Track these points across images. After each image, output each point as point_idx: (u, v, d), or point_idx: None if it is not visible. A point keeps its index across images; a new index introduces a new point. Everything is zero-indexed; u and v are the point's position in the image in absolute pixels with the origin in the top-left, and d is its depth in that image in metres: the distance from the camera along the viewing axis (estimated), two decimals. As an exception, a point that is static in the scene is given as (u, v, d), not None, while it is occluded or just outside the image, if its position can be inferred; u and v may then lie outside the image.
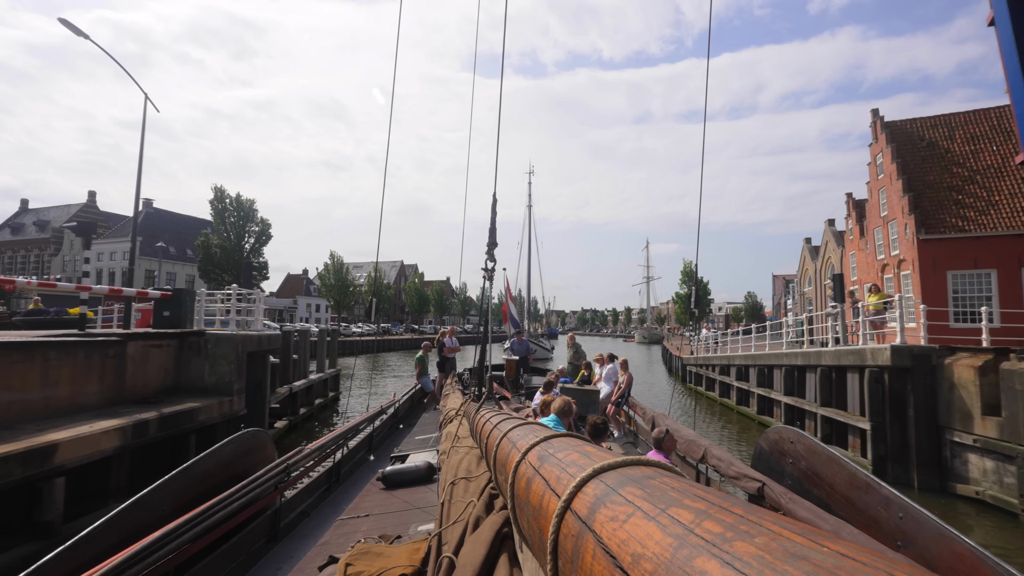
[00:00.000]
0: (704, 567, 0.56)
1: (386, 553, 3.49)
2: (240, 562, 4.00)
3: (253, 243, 45.66)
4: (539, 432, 1.68)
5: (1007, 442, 8.34)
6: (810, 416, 13.11)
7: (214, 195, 45.02)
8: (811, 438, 4.12)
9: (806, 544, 0.54)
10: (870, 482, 3.31)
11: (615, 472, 0.97)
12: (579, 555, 0.85)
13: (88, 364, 8.14)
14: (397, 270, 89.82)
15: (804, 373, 13.69)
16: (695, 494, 0.77)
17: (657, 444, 5.52)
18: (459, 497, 3.19)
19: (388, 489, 5.91)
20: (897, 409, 10.04)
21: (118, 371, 8.73)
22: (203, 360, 10.15)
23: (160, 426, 8.03)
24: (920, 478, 9.68)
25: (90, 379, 8.17)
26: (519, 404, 9.45)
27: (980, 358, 9.12)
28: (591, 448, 1.33)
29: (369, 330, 55.46)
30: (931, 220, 20.76)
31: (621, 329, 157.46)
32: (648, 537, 0.69)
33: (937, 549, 2.70)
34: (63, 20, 10.96)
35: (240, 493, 3.67)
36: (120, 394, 8.74)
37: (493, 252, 6.26)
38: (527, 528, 1.36)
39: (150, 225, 50.79)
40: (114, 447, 7.09)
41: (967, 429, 9.11)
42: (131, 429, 7.42)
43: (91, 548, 2.76)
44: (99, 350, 8.37)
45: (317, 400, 16.86)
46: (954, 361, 9.54)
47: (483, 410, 4.08)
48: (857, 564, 0.47)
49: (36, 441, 6.10)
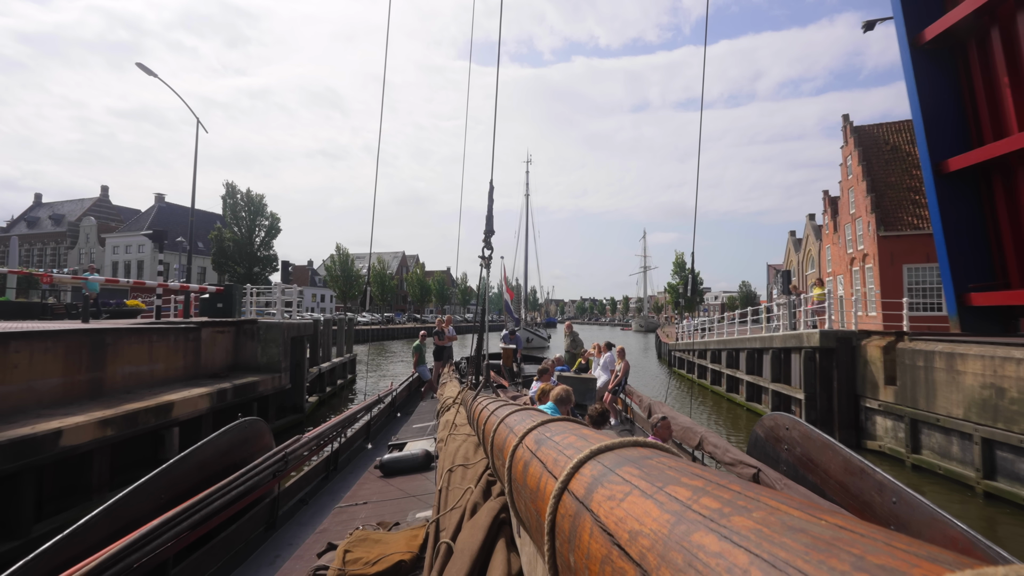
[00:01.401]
0: (701, 541, 0.57)
1: (384, 540, 3.50)
2: (239, 550, 4.04)
3: (263, 236, 47.69)
4: (536, 417, 1.70)
5: (900, 405, 10.57)
6: (765, 391, 15.37)
7: (225, 190, 46.90)
8: (806, 425, 4.20)
9: (804, 517, 0.54)
10: (864, 468, 3.35)
11: (612, 453, 0.97)
12: (576, 534, 0.84)
13: (176, 345, 10.35)
14: (399, 261, 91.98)
15: (761, 355, 15.93)
16: (692, 472, 0.77)
17: (654, 430, 5.65)
18: (456, 484, 3.22)
19: (386, 477, 5.93)
20: (825, 382, 12.26)
21: (195, 351, 10.94)
22: (256, 343, 12.36)
23: (234, 394, 10.27)
24: (841, 437, 11.90)
25: (178, 357, 10.39)
26: (516, 392, 9.51)
27: (885, 340, 11.33)
28: (588, 431, 1.34)
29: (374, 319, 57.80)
30: (890, 218, 22.90)
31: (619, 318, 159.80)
32: (646, 514, 0.69)
33: (930, 533, 2.74)
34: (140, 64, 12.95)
35: (238, 482, 3.71)
36: (197, 370, 10.96)
37: (490, 240, 6.33)
38: (524, 511, 1.37)
39: (163, 220, 52.77)
40: (207, 408, 9.33)
41: (875, 396, 11.34)
42: (216, 395, 9.66)
43: (90, 536, 2.79)
44: (183, 335, 10.57)
45: (339, 381, 19.12)
46: (868, 343, 11.75)
47: (480, 398, 4.14)
48: (855, 535, 0.47)
49: (158, 400, 8.32)
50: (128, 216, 59.44)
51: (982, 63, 10.64)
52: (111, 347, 8.65)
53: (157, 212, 53.30)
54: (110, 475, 7.34)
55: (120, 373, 8.82)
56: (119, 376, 8.80)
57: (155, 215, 52.94)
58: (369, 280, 12.53)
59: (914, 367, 10.26)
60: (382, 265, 71.50)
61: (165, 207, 54.70)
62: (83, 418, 6.82)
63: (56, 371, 7.62)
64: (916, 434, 10.21)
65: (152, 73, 13.55)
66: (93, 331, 8.38)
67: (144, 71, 13.29)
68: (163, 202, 54.96)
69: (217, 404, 9.66)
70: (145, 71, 13.33)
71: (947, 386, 9.41)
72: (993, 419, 8.47)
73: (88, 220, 54.84)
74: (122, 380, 8.86)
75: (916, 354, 10.24)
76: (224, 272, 46.29)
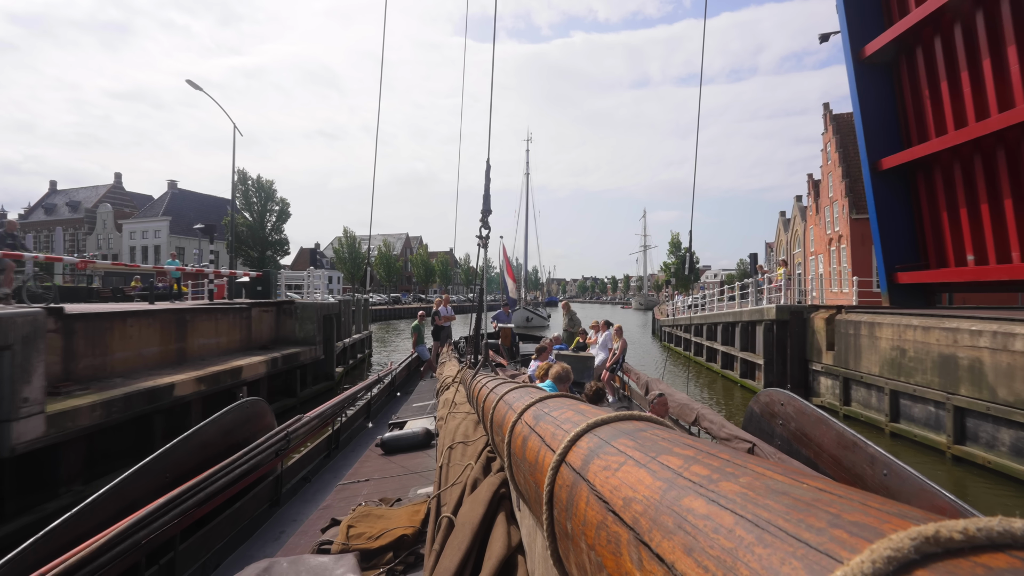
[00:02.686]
0: (691, 505, 0.60)
1: (387, 515, 3.57)
2: (244, 526, 4.12)
3: (275, 221, 49.66)
4: (534, 393, 1.73)
5: (836, 367, 12.66)
6: (735, 360, 17.50)
7: (237, 177, 48.65)
8: (801, 400, 4.30)
9: (787, 482, 0.57)
10: (856, 441, 3.43)
11: (608, 426, 1.00)
12: (573, 503, 0.87)
13: (234, 322, 12.48)
14: (403, 242, 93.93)
15: (734, 328, 18.01)
16: (684, 443, 0.80)
17: (651, 407, 5.73)
18: (457, 460, 3.26)
19: (387, 455, 5.99)
20: (780, 349, 14.35)
21: (248, 327, 13.07)
22: (294, 321, 14.49)
23: (283, 362, 12.42)
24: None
25: (235, 332, 12.52)
26: (515, 371, 9.59)
27: (828, 313, 13.38)
28: (585, 407, 1.38)
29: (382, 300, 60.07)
30: (862, 202, 24.72)
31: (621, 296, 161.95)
32: (639, 482, 0.72)
33: (919, 503, 2.77)
34: (190, 81, 14.78)
35: (241, 460, 3.80)
36: (249, 343, 13.10)
37: (487, 219, 6.33)
38: (523, 484, 1.40)
39: (176, 205, 54.76)
40: (264, 372, 11.49)
41: (819, 360, 13.44)
42: (270, 362, 11.81)
43: (97, 515, 2.85)
44: (239, 313, 12.70)
45: (359, 355, 21.34)
46: (815, 315, 13.80)
47: (479, 376, 4.18)
48: (833, 496, 0.50)
49: (231, 365, 10.46)
50: (141, 202, 61.39)
51: (910, 77, 12.48)
52: (190, 323, 10.78)
53: (170, 199, 55.20)
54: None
55: (196, 344, 10.97)
56: (196, 346, 10.94)
57: (168, 201, 54.84)
58: (370, 261, 14.36)
59: (847, 335, 12.33)
60: (387, 247, 73.49)
61: (178, 193, 56.58)
62: (184, 376, 8.97)
63: (155, 342, 9.76)
64: (847, 390, 12.33)
65: (199, 88, 15.35)
66: (178, 310, 10.50)
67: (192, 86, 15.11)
68: (175, 188, 56.84)
69: (271, 370, 11.82)
70: (193, 86, 15.14)
71: (868, 349, 11.49)
72: (898, 374, 10.56)
73: (104, 207, 56.82)
74: (198, 350, 11.01)
75: (848, 324, 12.30)
76: (238, 256, 48.36)
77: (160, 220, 52.98)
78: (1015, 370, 8.05)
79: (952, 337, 9.29)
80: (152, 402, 7.99)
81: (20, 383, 5.93)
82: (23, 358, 5.98)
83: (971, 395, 8.86)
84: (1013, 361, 8.09)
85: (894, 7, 12.69)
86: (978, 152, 11.41)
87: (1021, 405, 7.94)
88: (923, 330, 9.99)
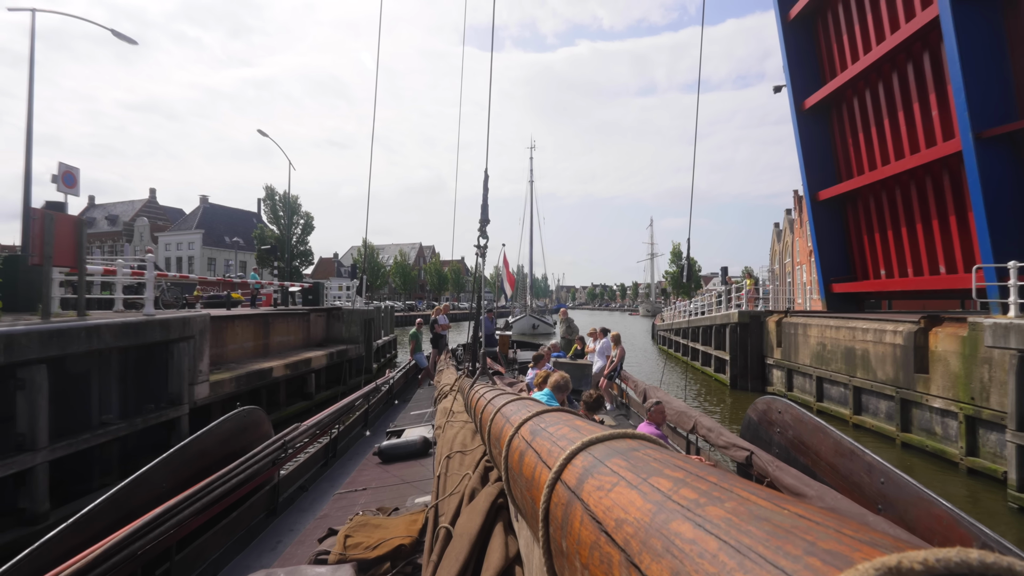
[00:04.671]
0: (678, 529, 0.62)
1: (384, 524, 3.57)
2: (240, 536, 4.12)
3: (300, 233, 53.28)
4: (532, 407, 1.76)
5: (783, 360, 15.58)
6: (710, 357, 20.42)
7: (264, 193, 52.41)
8: (798, 408, 4.36)
9: (769, 507, 0.59)
10: (854, 449, 3.49)
11: (602, 445, 1.02)
12: (568, 521, 0.90)
13: (298, 324, 15.71)
14: (416, 251, 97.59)
15: (710, 330, 20.95)
16: (675, 464, 0.82)
17: (648, 415, 5.67)
18: (455, 470, 3.28)
19: (385, 463, 5.95)
20: (742, 347, 17.26)
21: (306, 329, 16.30)
22: (341, 324, 17.70)
23: (337, 356, 15.62)
24: (752, 385, 16.93)
25: (297, 332, 15.75)
26: (512, 379, 9.66)
27: (778, 317, 16.31)
28: (581, 422, 1.41)
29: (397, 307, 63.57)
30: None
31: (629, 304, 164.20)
32: (630, 504, 0.74)
33: (916, 511, 2.90)
34: (260, 131, 18.15)
35: (238, 469, 3.81)
36: (307, 342, 16.32)
37: (486, 229, 6.38)
38: (520, 498, 1.43)
39: (208, 219, 58.71)
40: (325, 363, 14.69)
41: (772, 356, 16.35)
42: (327, 356, 15.00)
43: (94, 525, 2.89)
44: (300, 317, 15.93)
45: (387, 355, 24.55)
46: (769, 319, 16.73)
47: (477, 385, 4.21)
48: (811, 523, 0.53)
49: (303, 356, 13.66)
50: (173, 215, 65.52)
51: (840, 125, 15.47)
52: (271, 325, 14.01)
53: (203, 212, 59.19)
54: (287, 397, 12.71)
55: (274, 341, 14.20)
56: (274, 343, 14.17)
57: (201, 215, 58.82)
58: (364, 269, 17.27)
59: (789, 334, 15.25)
60: (403, 257, 77.06)
61: (209, 207, 60.59)
62: (275, 363, 12.16)
63: (250, 338, 12.98)
64: (791, 378, 15.24)
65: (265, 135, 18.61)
66: (263, 315, 13.75)
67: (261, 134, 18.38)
68: (207, 203, 60.87)
69: (328, 362, 15.01)
70: (261, 134, 18.41)
71: (803, 346, 14.41)
72: (820, 364, 13.48)
73: (141, 220, 60.95)
74: (276, 346, 14.23)
75: (790, 326, 15.23)
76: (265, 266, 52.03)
77: (194, 233, 56.89)
78: (886, 357, 10.98)
79: (851, 334, 12.23)
80: (261, 380, 11.21)
81: (198, 361, 9.15)
82: (200, 344, 9.19)
83: (863, 376, 11.78)
84: (884, 351, 11.02)
85: (826, 68, 15.68)
86: (897, 186, 14.33)
87: (890, 383, 10.87)
88: (835, 329, 12.93)
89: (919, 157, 12.90)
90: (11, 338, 5.90)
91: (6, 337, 5.86)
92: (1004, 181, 9.97)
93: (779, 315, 16.46)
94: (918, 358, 10.08)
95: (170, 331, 8.53)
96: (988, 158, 9.93)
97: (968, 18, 9.93)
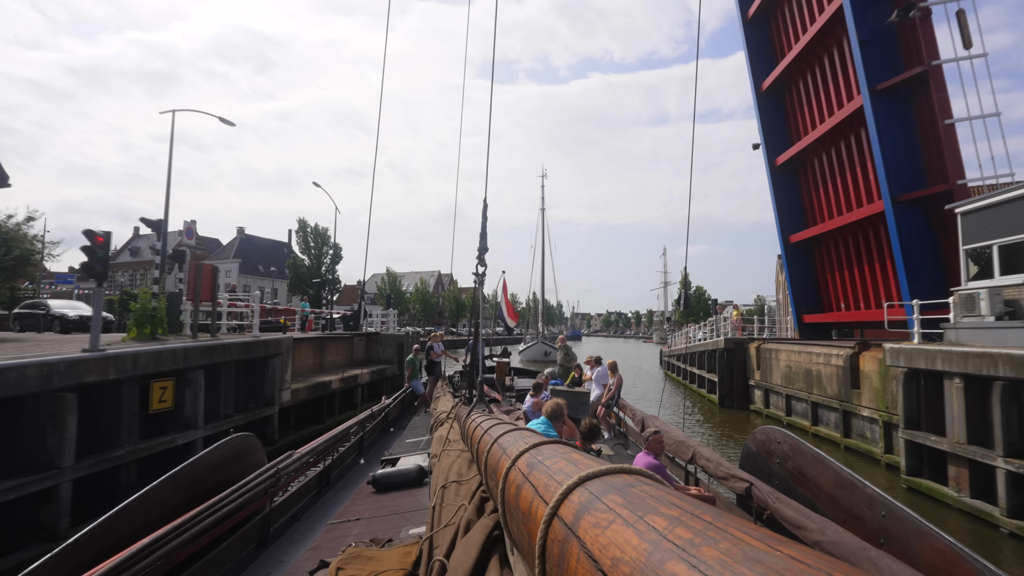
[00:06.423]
0: (673, 570, 0.62)
1: (377, 557, 3.50)
2: (230, 568, 4.01)
3: (329, 263, 56.92)
4: (528, 439, 1.75)
5: (762, 381, 17.91)
6: (703, 379, 22.75)
7: (297, 225, 56.27)
8: (797, 439, 4.36)
9: (763, 549, 0.60)
10: (855, 481, 3.44)
11: (599, 480, 1.02)
12: (565, 559, 0.89)
13: (344, 346, 18.58)
14: (435, 279, 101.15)
15: (703, 355, 23.33)
16: (671, 502, 0.83)
17: (646, 445, 5.60)
18: (450, 500, 3.24)
19: (379, 493, 5.86)
20: (728, 370, 19.62)
21: (351, 350, 19.15)
22: (379, 346, 20.54)
23: (377, 374, 18.42)
24: (737, 404, 19.24)
25: (343, 353, 18.60)
26: (509, 407, 9.61)
27: (757, 343, 18.70)
28: (578, 456, 1.39)
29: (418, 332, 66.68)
30: (825, 253, 29.92)
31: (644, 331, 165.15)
32: (626, 543, 0.74)
33: (918, 546, 2.85)
34: (316, 183, 21.40)
35: (229, 498, 3.73)
36: (351, 361, 19.15)
37: (484, 257, 6.36)
38: (517, 532, 1.41)
39: (244, 249, 62.84)
40: (368, 380, 17.47)
41: (753, 377, 18.69)
42: (370, 373, 17.80)
43: (80, 554, 2.84)
44: (346, 340, 18.81)
45: (414, 375, 27.33)
46: (751, 345, 19.13)
47: (474, 414, 4.20)
48: (803, 566, 0.53)
49: (351, 373, 16.46)
50: (211, 245, 69.98)
51: (804, 179, 18.12)
52: (325, 346, 16.89)
53: (240, 243, 63.39)
54: (340, 406, 15.48)
55: (328, 360, 17.05)
56: (328, 361, 17.02)
57: (238, 245, 62.99)
58: (362, 293, 19.90)
59: (766, 359, 17.64)
60: (423, 284, 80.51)
61: (245, 238, 64.85)
62: (333, 377, 14.95)
63: (311, 356, 15.85)
64: (768, 397, 17.56)
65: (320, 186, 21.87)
66: (320, 338, 16.65)
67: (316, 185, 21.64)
68: (243, 234, 65.16)
69: (371, 379, 17.79)
70: (316, 185, 21.67)
71: (775, 368, 16.78)
72: (788, 383, 15.84)
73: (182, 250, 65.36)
74: (329, 364, 17.08)
75: (767, 351, 17.63)
76: (296, 293, 55.57)
77: (232, 261, 60.92)
78: (832, 377, 13.38)
79: (809, 357, 14.65)
80: (323, 391, 14.01)
81: (284, 372, 11.98)
82: (286, 360, 12.04)
83: (818, 393, 14.15)
84: (832, 371, 13.42)
85: (793, 131, 18.44)
86: (849, 233, 16.85)
87: (835, 397, 13.23)
88: (798, 353, 15.35)
89: (861, 212, 15.49)
90: (187, 351, 8.80)
91: (184, 351, 8.75)
92: (917, 235, 12.49)
93: (758, 341, 18.86)
94: (853, 377, 12.48)
95: (268, 348, 11.41)
96: (904, 217, 12.49)
97: (884, 108, 12.62)
